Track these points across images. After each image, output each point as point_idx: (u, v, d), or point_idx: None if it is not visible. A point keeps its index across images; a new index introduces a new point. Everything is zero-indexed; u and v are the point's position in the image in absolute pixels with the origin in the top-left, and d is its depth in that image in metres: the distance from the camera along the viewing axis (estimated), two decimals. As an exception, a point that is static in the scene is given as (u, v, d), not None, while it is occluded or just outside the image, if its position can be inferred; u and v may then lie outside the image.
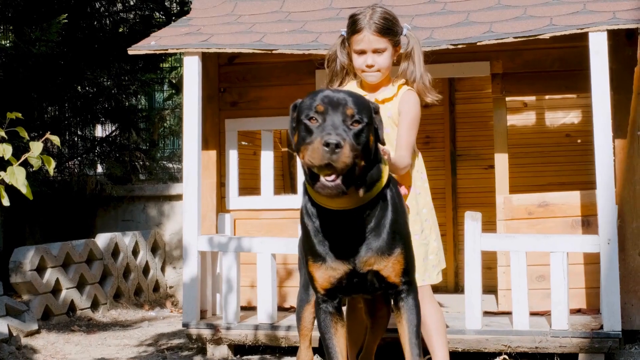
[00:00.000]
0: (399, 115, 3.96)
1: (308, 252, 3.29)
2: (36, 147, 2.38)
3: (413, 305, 3.34)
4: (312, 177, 3.01)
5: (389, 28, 3.94)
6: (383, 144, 3.24)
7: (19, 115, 2.51)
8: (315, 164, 2.90)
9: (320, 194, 3.00)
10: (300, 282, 3.90)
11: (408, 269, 3.30)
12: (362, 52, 3.95)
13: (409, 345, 3.33)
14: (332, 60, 4.13)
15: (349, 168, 2.93)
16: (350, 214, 3.14)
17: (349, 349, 3.96)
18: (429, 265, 4.03)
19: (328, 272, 3.23)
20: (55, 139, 2.50)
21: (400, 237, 3.27)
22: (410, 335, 3.33)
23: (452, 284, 7.28)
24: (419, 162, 4.12)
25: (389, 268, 3.24)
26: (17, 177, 2.37)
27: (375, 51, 3.93)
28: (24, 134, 2.42)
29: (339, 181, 2.92)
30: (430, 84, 4.04)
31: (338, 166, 2.87)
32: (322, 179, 2.93)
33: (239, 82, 6.24)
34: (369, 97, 3.99)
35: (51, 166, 2.54)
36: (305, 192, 3.29)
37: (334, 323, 3.35)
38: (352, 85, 4.09)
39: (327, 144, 2.84)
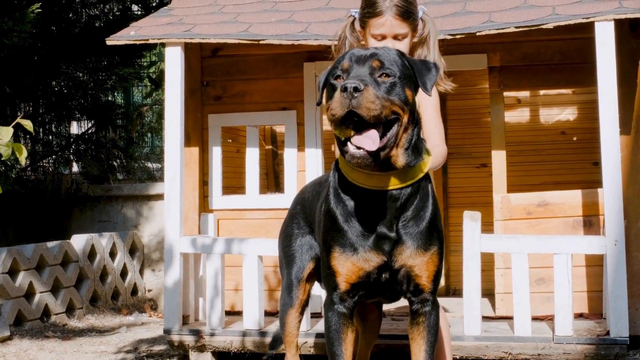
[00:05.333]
0: (420, 103, 3.69)
1: (334, 241, 2.99)
2: (5, 132, 2.06)
3: (435, 323, 3.10)
4: (341, 143, 2.77)
5: (410, 11, 3.69)
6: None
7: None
8: (337, 115, 2.66)
9: (350, 163, 2.77)
10: (282, 284, 3.68)
11: (437, 276, 3.05)
12: (381, 37, 3.68)
13: None
14: (341, 43, 3.85)
15: (386, 125, 2.71)
16: (389, 197, 2.88)
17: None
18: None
19: (359, 264, 2.94)
20: (28, 124, 2.21)
21: (437, 235, 3.02)
22: (427, 351, 3.08)
23: (443, 287, 7.03)
24: None
25: (423, 267, 2.97)
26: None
27: (396, 37, 3.68)
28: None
29: (365, 151, 2.67)
30: (445, 71, 3.78)
31: (362, 113, 2.63)
32: (350, 145, 2.70)
33: (222, 76, 5.97)
34: None
35: (22, 155, 2.24)
36: (336, 170, 3.04)
37: (345, 327, 3.06)
38: None
39: (344, 89, 2.62)
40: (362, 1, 3.78)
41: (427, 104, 3.69)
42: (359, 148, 2.68)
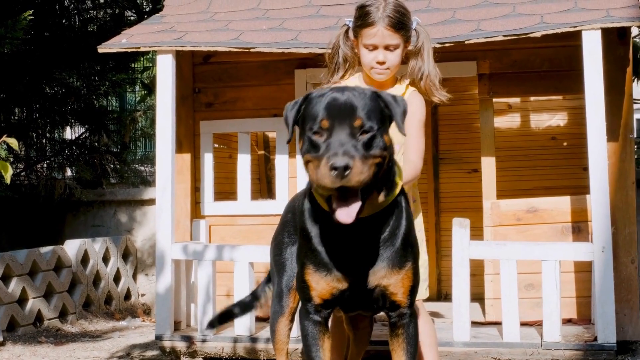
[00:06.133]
0: (406, 117, 3.72)
1: (308, 258, 3.02)
2: (-10, 151, 2.08)
3: (414, 334, 3.11)
4: (325, 198, 2.81)
5: (403, 22, 3.69)
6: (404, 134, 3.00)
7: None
8: (327, 188, 2.67)
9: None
10: (273, 293, 3.69)
11: (414, 289, 3.07)
12: (373, 47, 3.69)
13: None
14: (335, 52, 3.86)
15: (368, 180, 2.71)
16: (364, 222, 2.87)
17: (332, 364, 3.74)
18: (420, 279, 3.80)
19: (332, 283, 2.97)
20: (13, 142, 2.22)
21: (412, 250, 3.04)
22: None
23: (434, 292, 7.06)
24: None
25: (398, 284, 2.98)
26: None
27: (388, 47, 3.68)
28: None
29: (351, 215, 2.70)
30: (440, 82, 3.79)
31: (353, 186, 2.65)
32: (335, 207, 2.72)
33: (214, 82, 5.99)
34: None
35: (8, 173, 2.25)
36: (309, 193, 3.04)
37: (321, 335, 3.11)
38: (355, 79, 3.84)
39: (334, 167, 2.60)
40: (355, 11, 3.78)
41: (412, 119, 3.71)
42: None
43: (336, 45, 3.87)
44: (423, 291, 3.85)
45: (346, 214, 2.70)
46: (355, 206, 2.71)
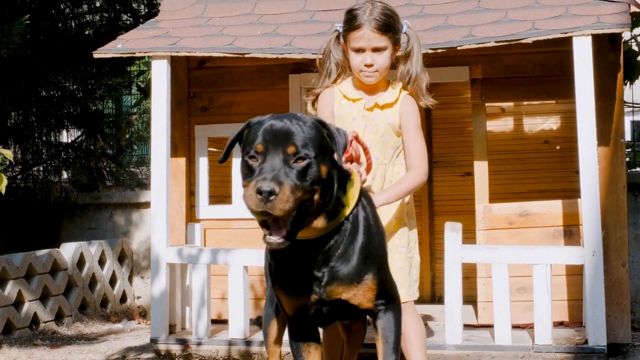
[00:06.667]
0: (402, 122, 3.75)
1: (271, 275, 3.06)
2: (-14, 161, 2.11)
3: (388, 320, 3.08)
4: (259, 222, 2.76)
5: (390, 25, 3.71)
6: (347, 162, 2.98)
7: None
8: (252, 211, 2.65)
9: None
10: (266, 296, 3.72)
11: (383, 292, 3.05)
12: (360, 50, 3.71)
13: None
14: (326, 57, 3.89)
15: (299, 208, 2.68)
16: (314, 242, 2.88)
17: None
18: (412, 279, 3.85)
19: (293, 300, 3.00)
20: (8, 154, 2.25)
21: (372, 262, 3.01)
22: (386, 352, 3.10)
23: (428, 294, 7.11)
24: None
25: (360, 296, 2.98)
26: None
27: (375, 50, 3.70)
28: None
29: (281, 238, 2.69)
30: (427, 87, 3.81)
31: (276, 214, 2.62)
32: (266, 232, 2.71)
33: (209, 87, 6.04)
34: (367, 99, 3.79)
35: (2, 184, 2.28)
36: None
37: (306, 346, 3.13)
38: (347, 84, 3.87)
39: (259, 192, 2.58)
40: (344, 15, 3.83)
41: (408, 124, 3.74)
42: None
43: (327, 50, 3.90)
44: (414, 292, 3.89)
45: (275, 241, 2.71)
46: (285, 233, 2.70)
